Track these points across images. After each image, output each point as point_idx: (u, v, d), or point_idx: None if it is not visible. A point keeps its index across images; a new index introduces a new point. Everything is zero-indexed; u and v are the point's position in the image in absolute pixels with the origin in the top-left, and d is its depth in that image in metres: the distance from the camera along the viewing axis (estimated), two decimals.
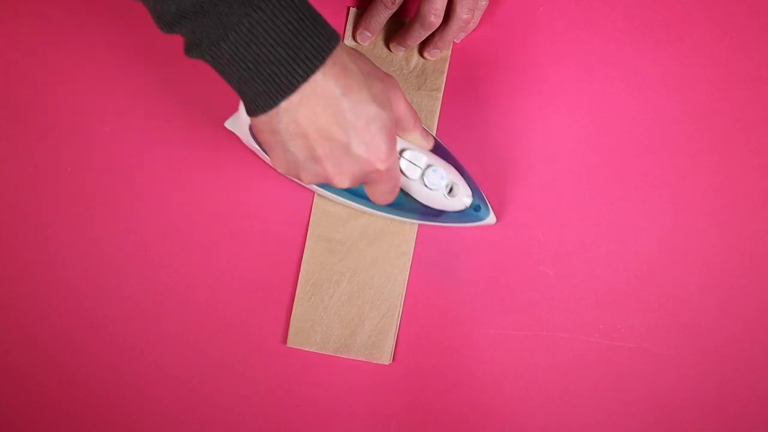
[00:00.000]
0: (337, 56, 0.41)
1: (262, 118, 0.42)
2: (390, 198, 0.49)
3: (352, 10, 0.61)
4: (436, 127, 0.61)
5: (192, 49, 0.41)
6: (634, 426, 0.59)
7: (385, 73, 0.45)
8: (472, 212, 0.56)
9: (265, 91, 0.40)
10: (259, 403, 0.60)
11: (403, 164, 0.52)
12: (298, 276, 0.60)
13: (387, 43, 0.60)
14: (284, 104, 0.40)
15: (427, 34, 0.57)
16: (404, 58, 0.61)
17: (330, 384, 0.60)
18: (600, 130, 0.60)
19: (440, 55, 0.60)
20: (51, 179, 0.61)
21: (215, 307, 0.60)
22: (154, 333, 0.60)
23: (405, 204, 0.56)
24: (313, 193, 0.60)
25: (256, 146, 0.55)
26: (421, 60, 0.61)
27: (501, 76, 0.61)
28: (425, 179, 0.53)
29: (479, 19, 0.57)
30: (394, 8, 0.57)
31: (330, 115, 0.41)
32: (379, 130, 0.43)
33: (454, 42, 0.60)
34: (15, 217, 0.61)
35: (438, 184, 0.53)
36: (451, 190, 0.54)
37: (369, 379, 0.60)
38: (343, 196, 0.58)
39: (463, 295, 0.60)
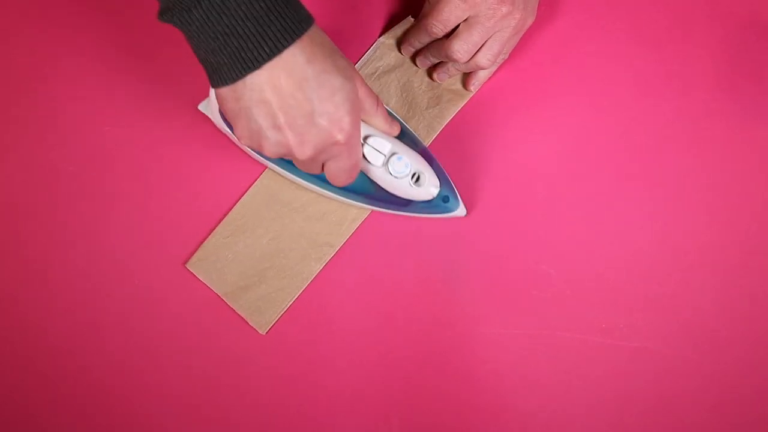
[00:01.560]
0: (309, 34, 0.41)
1: (225, 89, 0.42)
2: (347, 179, 0.48)
3: (410, 20, 0.61)
4: (429, 142, 0.60)
5: (165, 12, 0.41)
6: (636, 425, 0.59)
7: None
8: (440, 203, 0.56)
9: (229, 64, 0.40)
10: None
11: (367, 151, 0.51)
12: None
13: (430, 74, 0.61)
14: (249, 77, 0.41)
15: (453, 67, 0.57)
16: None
17: (327, 386, 0.60)
18: (601, 129, 0.60)
19: (455, 87, 0.60)
20: (50, 180, 0.60)
21: (217, 306, 0.60)
22: (154, 332, 0.60)
23: (372, 192, 0.56)
24: None
25: (228, 129, 0.55)
26: (441, 86, 0.60)
27: (500, 75, 0.60)
28: (390, 167, 0.52)
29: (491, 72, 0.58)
30: (437, 37, 0.56)
31: (294, 82, 0.41)
32: (344, 101, 0.43)
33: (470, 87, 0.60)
34: (15, 216, 0.60)
35: (402, 172, 0.53)
36: (418, 179, 0.54)
37: (368, 378, 0.59)
38: (306, 179, 0.57)
39: (463, 294, 0.59)
